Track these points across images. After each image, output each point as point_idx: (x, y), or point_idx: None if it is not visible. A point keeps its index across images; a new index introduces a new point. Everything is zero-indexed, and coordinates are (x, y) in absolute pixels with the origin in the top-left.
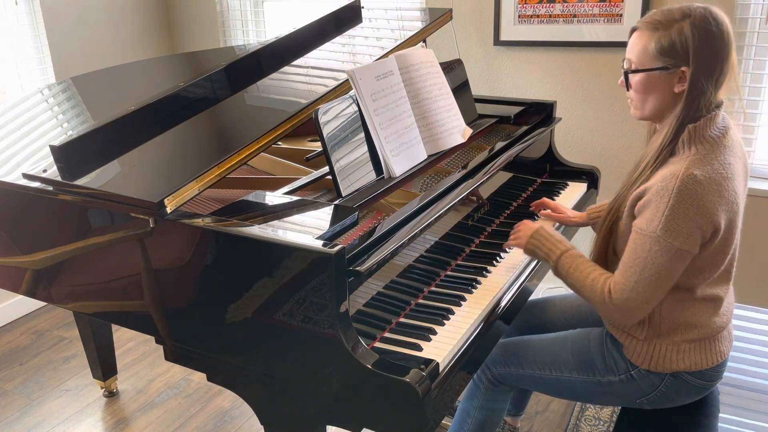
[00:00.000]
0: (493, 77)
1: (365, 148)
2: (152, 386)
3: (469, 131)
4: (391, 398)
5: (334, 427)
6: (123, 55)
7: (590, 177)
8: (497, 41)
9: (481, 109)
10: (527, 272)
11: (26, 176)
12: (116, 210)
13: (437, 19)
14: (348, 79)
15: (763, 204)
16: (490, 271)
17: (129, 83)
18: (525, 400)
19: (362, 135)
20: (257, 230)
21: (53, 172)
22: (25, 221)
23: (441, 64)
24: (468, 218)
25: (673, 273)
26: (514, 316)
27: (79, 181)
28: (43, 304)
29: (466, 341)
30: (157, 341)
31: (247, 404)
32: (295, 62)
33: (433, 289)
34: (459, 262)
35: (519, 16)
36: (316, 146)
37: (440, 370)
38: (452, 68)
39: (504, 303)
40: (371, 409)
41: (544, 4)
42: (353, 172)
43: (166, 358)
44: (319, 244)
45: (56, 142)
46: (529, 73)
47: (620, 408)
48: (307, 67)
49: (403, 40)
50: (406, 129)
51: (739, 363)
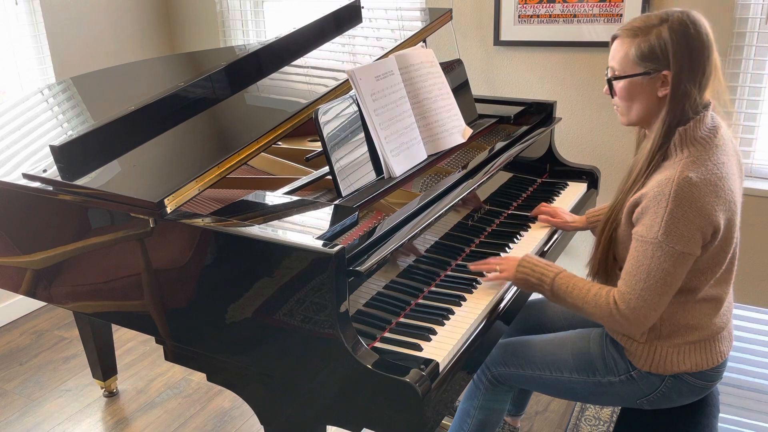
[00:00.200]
0: (493, 77)
1: (365, 148)
2: (152, 386)
3: (469, 131)
4: (391, 398)
5: (334, 427)
6: (123, 55)
7: (590, 177)
8: (497, 41)
9: (481, 109)
10: None
11: (26, 176)
12: (116, 210)
13: (437, 19)
14: (348, 79)
15: (763, 204)
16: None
17: (129, 83)
18: (525, 400)
19: (362, 135)
20: (257, 230)
21: (53, 172)
22: (25, 221)
23: (441, 64)
24: (468, 218)
25: (678, 277)
26: (514, 316)
27: (79, 181)
28: (43, 304)
29: (466, 341)
30: (157, 341)
31: (247, 404)
32: (295, 62)
33: (433, 289)
34: (459, 262)
35: (519, 16)
36: (316, 146)
37: (440, 370)
38: (452, 68)
39: (504, 303)
40: (371, 409)
41: (544, 4)
42: (353, 172)
43: (166, 358)
44: (319, 244)
45: (56, 142)
46: (529, 73)
47: (620, 408)
48: (307, 67)
49: (403, 40)
50: (406, 129)
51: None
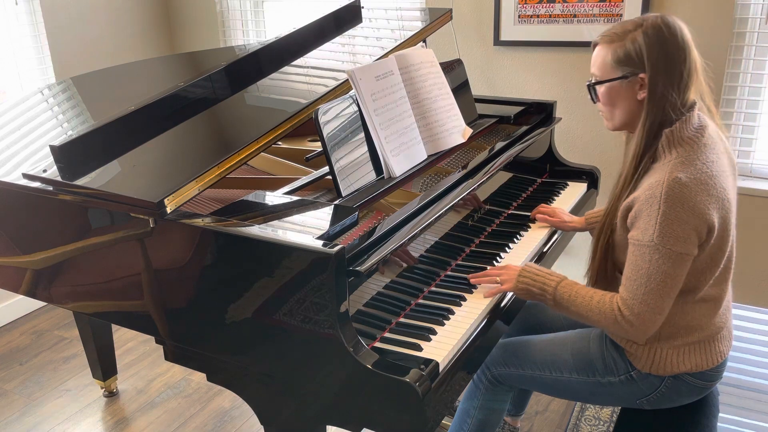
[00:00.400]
0: (493, 77)
1: (365, 148)
2: (152, 386)
3: (469, 131)
4: (391, 398)
5: (334, 427)
6: (123, 55)
7: (590, 177)
8: (497, 41)
9: (481, 109)
10: None
11: (26, 176)
12: (116, 210)
13: (437, 19)
14: (348, 79)
15: (763, 204)
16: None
17: (129, 83)
18: (525, 401)
19: (362, 135)
20: (257, 230)
21: (53, 172)
22: (25, 221)
23: (441, 64)
24: (468, 218)
25: (678, 278)
26: (514, 316)
27: (79, 181)
28: (43, 304)
29: (466, 341)
30: (157, 341)
31: (247, 404)
32: (295, 62)
33: (433, 289)
34: (459, 262)
35: (519, 16)
36: (316, 146)
37: (440, 370)
38: (452, 68)
39: (504, 303)
40: (371, 409)
41: (544, 4)
42: (353, 172)
43: (166, 358)
44: (319, 244)
45: (56, 142)
46: (529, 73)
47: (620, 408)
48: (307, 67)
49: (403, 40)
50: (406, 129)
51: (739, 363)
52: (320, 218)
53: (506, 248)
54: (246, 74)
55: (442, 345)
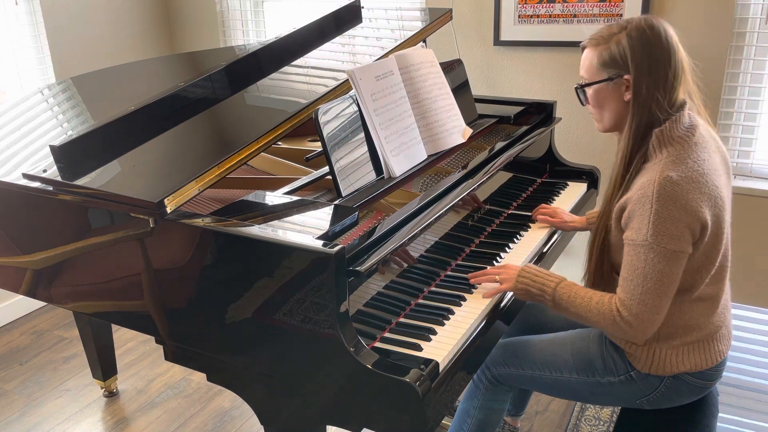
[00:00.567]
0: (493, 77)
1: (365, 148)
2: (152, 386)
3: (469, 131)
4: (391, 398)
5: (334, 427)
6: (123, 55)
7: (590, 177)
8: (497, 41)
9: (481, 109)
10: None
11: (26, 176)
12: (116, 210)
13: (437, 19)
14: (348, 79)
15: (763, 204)
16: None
17: (129, 83)
18: (525, 401)
19: (362, 135)
20: (257, 230)
21: (53, 172)
22: (25, 221)
23: (441, 64)
24: (468, 218)
25: (674, 277)
26: (514, 316)
27: (79, 181)
28: (43, 304)
29: (466, 341)
30: (157, 341)
31: (247, 404)
32: (295, 62)
33: (434, 289)
34: (459, 262)
35: (519, 16)
36: (316, 146)
37: (440, 370)
38: (452, 68)
39: (504, 303)
40: (371, 409)
41: (544, 4)
42: (353, 172)
43: (166, 358)
44: (319, 244)
45: (56, 142)
46: (529, 73)
47: (620, 408)
48: (307, 67)
49: (403, 40)
50: (406, 129)
51: (739, 363)
52: (320, 218)
53: (506, 248)
54: (246, 74)
55: (442, 345)
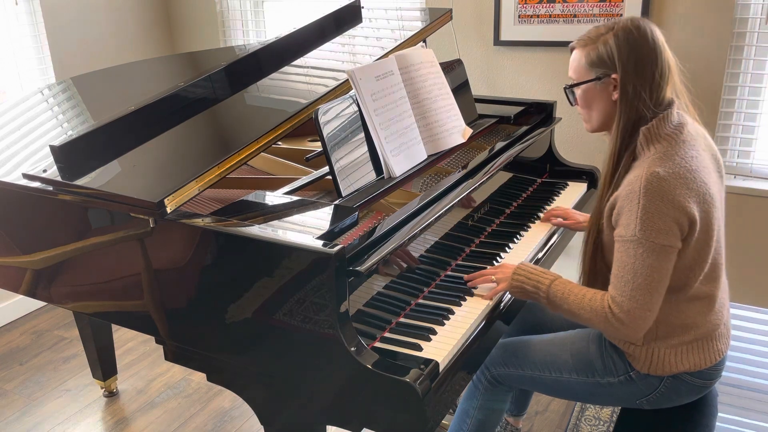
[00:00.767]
0: (493, 77)
1: (365, 148)
2: (152, 386)
3: (469, 131)
4: (391, 398)
5: (334, 427)
6: (123, 55)
7: (590, 177)
8: (497, 41)
9: (481, 109)
10: None
11: (26, 176)
12: (116, 210)
13: (437, 19)
14: (348, 79)
15: (763, 204)
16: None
17: (129, 83)
18: (526, 401)
19: (362, 135)
20: (257, 230)
21: (53, 172)
22: (25, 221)
23: (441, 64)
24: (468, 218)
25: (664, 272)
26: (514, 316)
27: (79, 181)
28: (43, 304)
29: (466, 341)
30: (157, 341)
31: (247, 404)
32: (295, 62)
33: (434, 289)
34: (459, 262)
35: (519, 16)
36: (316, 146)
37: (440, 370)
38: (452, 68)
39: (504, 303)
40: (371, 409)
41: (544, 4)
42: (353, 172)
43: (166, 358)
44: (319, 244)
45: (56, 142)
46: (529, 73)
47: (620, 408)
48: (307, 67)
49: (403, 40)
50: (406, 129)
51: (739, 363)
52: (320, 218)
53: (506, 248)
54: (246, 74)
55: (442, 345)
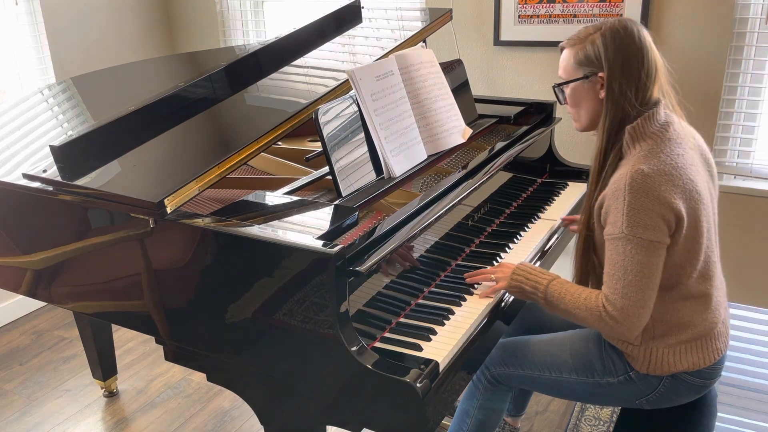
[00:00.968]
0: (493, 77)
1: (365, 148)
2: (152, 386)
3: (469, 131)
4: (391, 398)
5: (334, 427)
6: (123, 55)
7: None
8: (497, 41)
9: (481, 109)
10: None
11: (26, 176)
12: (116, 210)
13: (437, 19)
14: (348, 79)
15: (763, 204)
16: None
17: (129, 83)
18: (526, 401)
19: (362, 135)
20: (257, 230)
21: (53, 172)
22: (25, 221)
23: (441, 64)
24: (468, 218)
25: (653, 268)
26: (514, 316)
27: (79, 181)
28: (43, 304)
29: (466, 341)
30: (157, 341)
31: (247, 404)
32: (295, 62)
33: (434, 289)
34: (459, 262)
35: (519, 16)
36: (316, 146)
37: (440, 370)
38: (452, 68)
39: (504, 303)
40: (371, 409)
41: (544, 4)
42: (353, 172)
43: (166, 358)
44: (319, 244)
45: (56, 142)
46: (529, 73)
47: (620, 408)
48: (307, 67)
49: (403, 40)
50: (406, 129)
51: (738, 363)
52: (320, 218)
53: (506, 248)
54: (246, 74)
55: (442, 345)
